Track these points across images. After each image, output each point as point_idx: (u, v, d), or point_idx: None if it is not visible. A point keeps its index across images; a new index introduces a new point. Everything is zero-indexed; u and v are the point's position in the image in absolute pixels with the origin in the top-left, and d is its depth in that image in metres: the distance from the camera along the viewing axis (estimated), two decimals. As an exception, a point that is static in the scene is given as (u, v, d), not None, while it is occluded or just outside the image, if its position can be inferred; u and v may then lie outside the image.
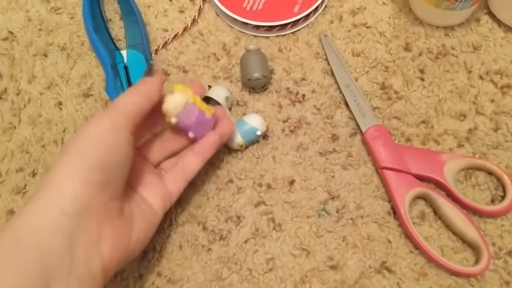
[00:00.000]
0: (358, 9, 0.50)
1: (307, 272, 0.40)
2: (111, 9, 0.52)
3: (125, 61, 0.47)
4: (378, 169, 0.42)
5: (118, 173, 0.34)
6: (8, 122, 0.47)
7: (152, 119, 0.39)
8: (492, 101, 0.45)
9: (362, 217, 0.41)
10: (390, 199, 0.41)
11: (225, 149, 0.44)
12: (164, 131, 0.41)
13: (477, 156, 0.43)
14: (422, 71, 0.47)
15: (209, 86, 0.46)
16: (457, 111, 0.45)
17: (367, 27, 0.49)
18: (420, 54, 0.48)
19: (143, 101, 0.36)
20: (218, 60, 0.49)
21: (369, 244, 0.40)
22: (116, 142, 0.33)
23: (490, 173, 0.42)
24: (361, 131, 0.44)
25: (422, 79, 0.47)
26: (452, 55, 0.47)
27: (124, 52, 0.48)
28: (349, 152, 0.44)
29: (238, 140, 0.43)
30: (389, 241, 0.40)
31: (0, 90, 0.49)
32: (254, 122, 0.43)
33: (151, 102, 0.36)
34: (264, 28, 0.49)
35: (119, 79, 0.46)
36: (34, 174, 0.44)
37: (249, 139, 0.43)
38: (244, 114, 0.46)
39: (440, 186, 0.42)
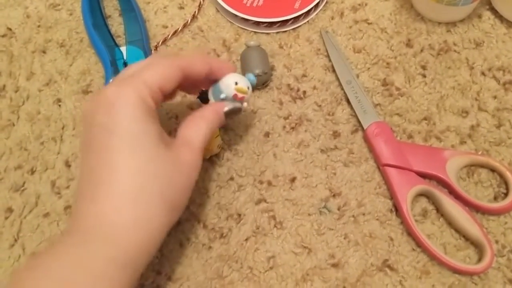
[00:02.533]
0: (359, 5, 0.50)
1: (308, 270, 0.39)
2: (110, 5, 0.52)
3: (125, 57, 0.47)
4: (380, 166, 0.42)
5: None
6: (6, 119, 0.47)
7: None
8: (495, 97, 0.45)
9: (363, 214, 0.41)
10: (392, 196, 0.41)
11: (226, 147, 0.44)
12: None
13: (479, 153, 0.43)
14: (424, 68, 0.46)
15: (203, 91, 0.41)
16: (459, 108, 0.45)
17: (369, 23, 0.49)
18: (421, 51, 0.47)
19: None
20: (218, 56, 0.48)
21: (371, 241, 0.40)
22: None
23: (493, 170, 0.42)
24: (362, 128, 0.44)
25: (424, 76, 0.46)
26: (454, 51, 0.47)
27: (123, 49, 0.47)
28: (350, 149, 0.44)
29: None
30: (391, 239, 0.40)
31: (-2, 87, 0.48)
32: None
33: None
34: (265, 24, 0.49)
35: (118, 75, 0.46)
36: (32, 172, 0.44)
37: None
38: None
39: (442, 183, 0.41)
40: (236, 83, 0.38)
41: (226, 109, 0.38)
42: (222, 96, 0.38)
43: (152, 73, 0.34)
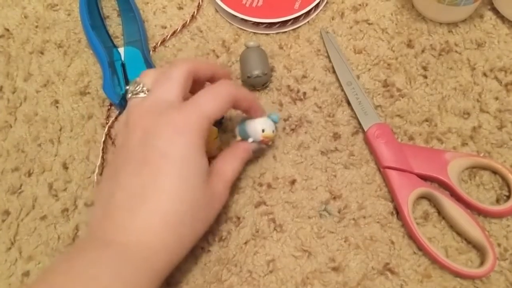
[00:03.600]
0: (359, 5, 0.50)
1: (309, 273, 0.39)
2: (109, 6, 0.51)
3: (123, 58, 0.47)
4: (381, 168, 0.42)
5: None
6: (3, 121, 0.46)
7: None
8: (497, 98, 0.44)
9: (364, 217, 0.41)
10: (393, 199, 0.41)
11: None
12: None
13: (481, 154, 0.42)
14: (425, 68, 0.46)
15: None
16: (461, 109, 0.44)
17: (369, 24, 0.49)
18: (423, 51, 0.47)
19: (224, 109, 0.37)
20: (218, 57, 0.48)
21: (371, 245, 0.40)
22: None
23: (494, 172, 0.41)
24: (363, 129, 0.43)
25: (425, 77, 0.46)
26: (456, 52, 0.47)
27: (121, 50, 0.47)
28: (351, 151, 0.43)
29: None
30: (392, 242, 0.40)
31: (-5, 88, 0.48)
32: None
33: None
34: (264, 25, 0.48)
35: (116, 76, 0.45)
36: (29, 174, 0.44)
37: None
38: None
39: (444, 185, 0.41)
40: (263, 130, 0.40)
41: (253, 148, 0.41)
42: (250, 140, 0.41)
43: (212, 106, 0.36)
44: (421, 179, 0.40)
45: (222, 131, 0.44)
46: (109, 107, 0.46)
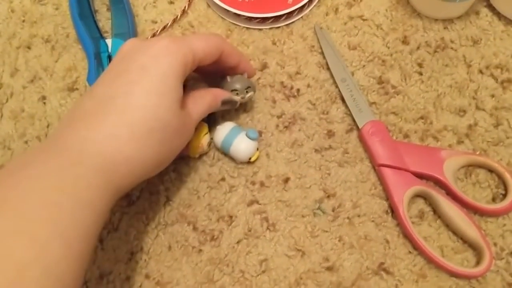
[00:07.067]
0: (354, 1, 0.49)
1: (302, 273, 0.38)
2: (99, 1, 0.50)
3: (109, 50, 0.45)
4: (375, 166, 0.41)
5: None
6: (-11, 117, 0.45)
7: None
8: (493, 96, 0.44)
9: (359, 216, 0.40)
10: (388, 197, 0.40)
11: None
12: None
13: (477, 153, 0.42)
14: (420, 65, 0.45)
15: None
16: (457, 107, 0.44)
17: (364, 20, 0.48)
18: (418, 48, 0.46)
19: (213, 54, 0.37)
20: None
21: (366, 244, 0.39)
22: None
23: (491, 170, 0.41)
24: (357, 127, 0.42)
25: (420, 74, 0.45)
26: (451, 48, 0.46)
27: (109, 41, 0.46)
28: (345, 149, 0.42)
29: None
30: (387, 241, 0.39)
31: (-20, 84, 0.47)
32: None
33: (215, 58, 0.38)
34: (257, 20, 0.47)
35: (101, 68, 0.44)
36: (16, 172, 0.43)
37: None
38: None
39: (439, 184, 0.40)
40: (250, 159, 0.41)
41: (224, 99, 0.40)
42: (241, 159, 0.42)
43: (200, 45, 0.36)
44: (416, 177, 0.40)
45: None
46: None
